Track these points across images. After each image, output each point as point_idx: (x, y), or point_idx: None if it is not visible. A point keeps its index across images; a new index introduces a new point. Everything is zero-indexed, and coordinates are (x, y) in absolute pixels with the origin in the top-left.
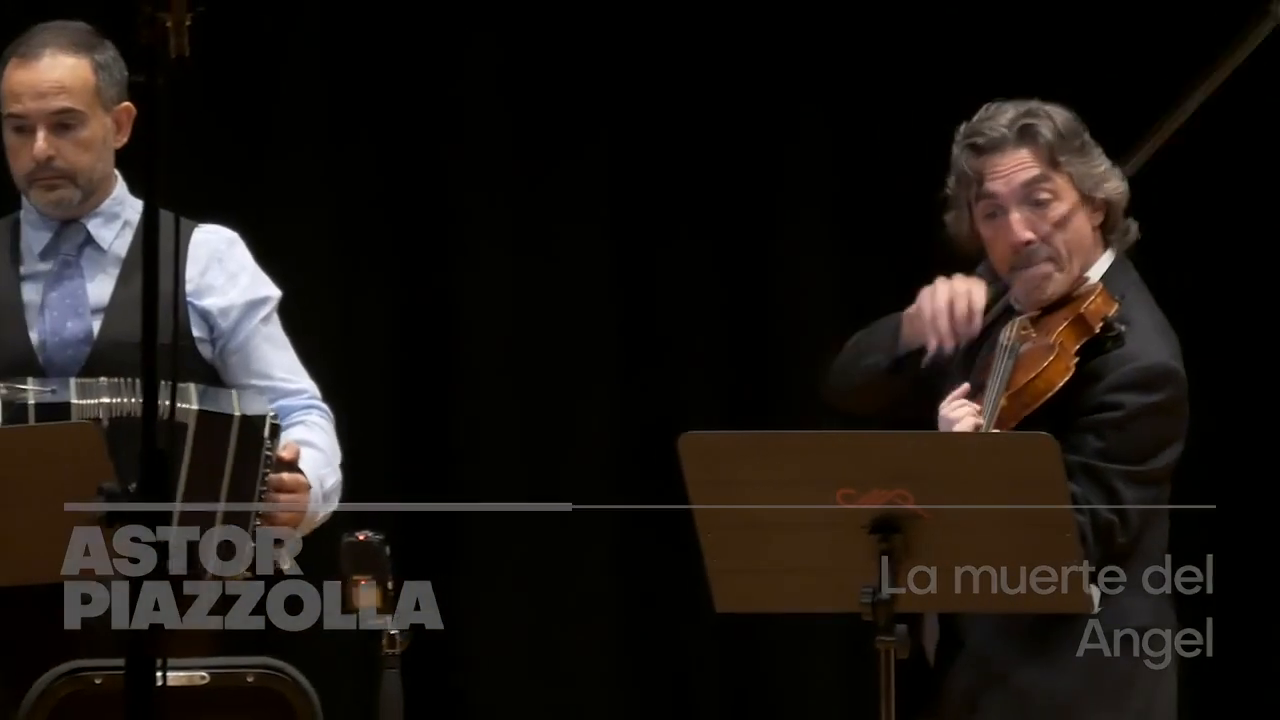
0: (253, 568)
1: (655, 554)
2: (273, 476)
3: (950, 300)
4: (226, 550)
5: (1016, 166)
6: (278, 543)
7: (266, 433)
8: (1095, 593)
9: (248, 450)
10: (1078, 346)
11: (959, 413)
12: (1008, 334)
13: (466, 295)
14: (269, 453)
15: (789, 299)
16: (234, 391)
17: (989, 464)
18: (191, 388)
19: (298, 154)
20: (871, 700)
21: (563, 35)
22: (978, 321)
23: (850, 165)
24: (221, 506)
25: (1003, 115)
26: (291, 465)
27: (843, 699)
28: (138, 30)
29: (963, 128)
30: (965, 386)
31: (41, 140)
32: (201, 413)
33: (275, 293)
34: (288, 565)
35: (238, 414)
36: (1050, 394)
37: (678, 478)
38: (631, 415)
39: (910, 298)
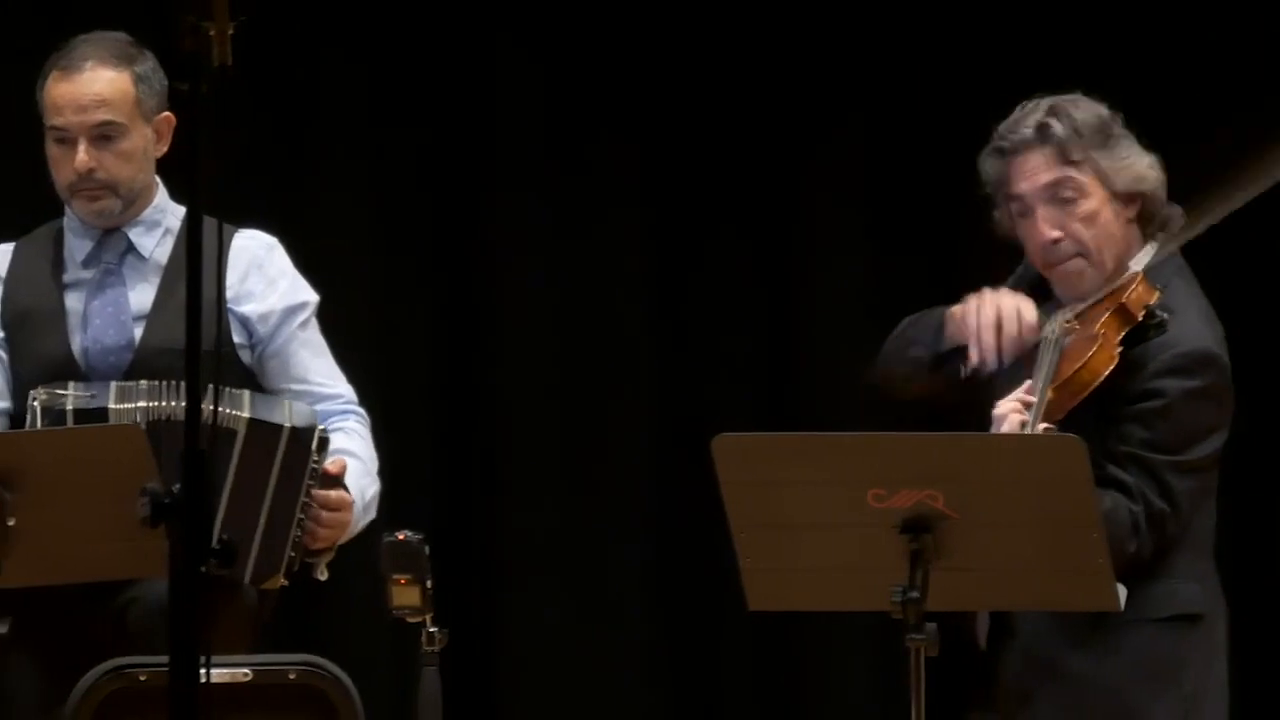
0: (289, 575)
1: (689, 553)
2: (318, 493)
3: (998, 318)
4: (265, 556)
5: (1037, 167)
6: (315, 554)
7: (314, 445)
8: (1123, 591)
9: (294, 461)
10: (1121, 335)
11: (1003, 409)
12: (1052, 327)
13: (503, 298)
14: (315, 465)
15: (822, 302)
16: (286, 401)
17: (1017, 465)
18: (245, 394)
19: (335, 159)
20: (903, 698)
21: (598, 39)
22: (1031, 339)
23: (883, 168)
24: (263, 515)
25: (1029, 117)
26: (337, 480)
27: (875, 697)
28: (181, 39)
29: (997, 129)
30: (1028, 383)
31: (83, 153)
32: (252, 421)
33: (313, 298)
34: (324, 575)
35: (288, 425)
36: (1096, 384)
37: (711, 478)
38: (666, 416)
39: (942, 298)
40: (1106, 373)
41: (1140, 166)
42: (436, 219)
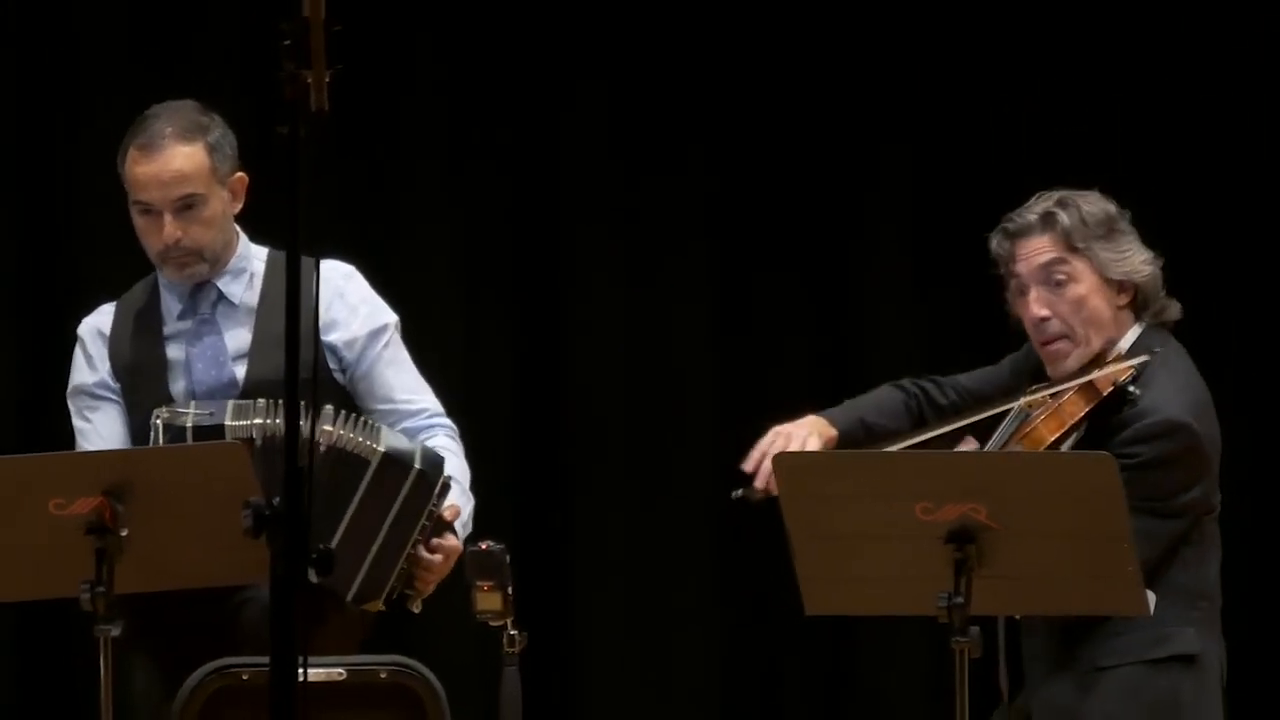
0: (387, 602)
1: (751, 561)
2: (436, 541)
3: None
4: (370, 581)
5: (1037, 250)
6: (414, 588)
7: (436, 490)
8: (1152, 597)
9: (415, 501)
10: (1084, 410)
11: None
12: (1025, 401)
13: (577, 324)
14: (433, 508)
15: (871, 328)
16: (420, 444)
17: (1054, 480)
18: (382, 428)
19: (421, 198)
20: (948, 695)
21: (666, 85)
22: None
23: (928, 204)
24: (377, 543)
25: (1037, 204)
26: (449, 526)
27: (922, 693)
28: (282, 86)
29: (1006, 215)
30: (973, 443)
31: (169, 225)
32: (386, 455)
33: (393, 318)
34: (418, 609)
35: (417, 467)
36: (1039, 449)
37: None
38: (728, 435)
39: (982, 327)
40: (1052, 439)
41: (1136, 260)
42: (515, 254)
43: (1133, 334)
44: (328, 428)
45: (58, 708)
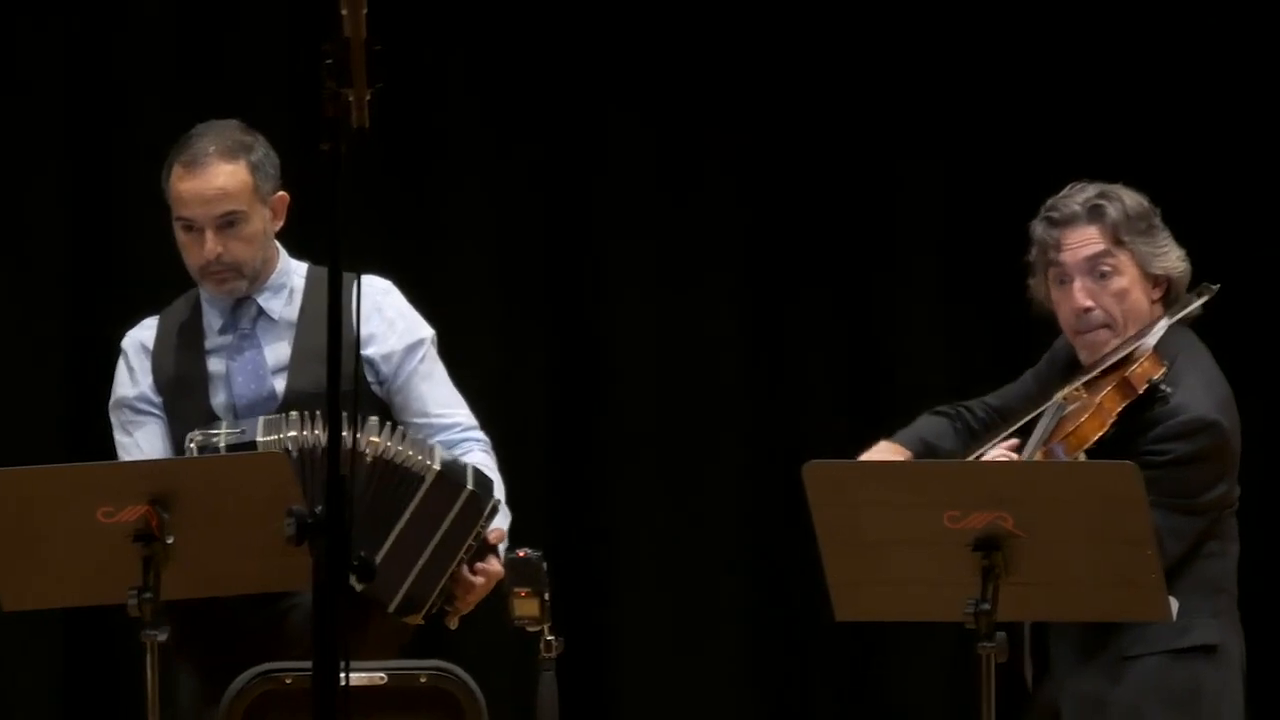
0: (426, 617)
1: (782, 568)
2: (480, 565)
3: None
4: (412, 594)
5: (1083, 241)
6: (453, 605)
7: (485, 512)
8: (1174, 603)
9: (464, 521)
10: (1121, 407)
11: (992, 454)
12: (1061, 395)
13: (611, 336)
14: (480, 529)
15: (901, 341)
16: (470, 466)
17: (1079, 488)
18: (436, 447)
19: (458, 209)
20: (973, 699)
21: (699, 105)
22: None
23: (956, 219)
24: (423, 558)
25: (1079, 194)
26: (492, 549)
27: (947, 698)
28: (324, 104)
29: (1047, 202)
30: (1014, 440)
31: (210, 241)
32: (441, 474)
33: (429, 332)
34: (454, 625)
35: (469, 488)
36: (1083, 448)
37: (801, 501)
38: (760, 445)
39: (1008, 342)
40: (1095, 438)
41: (1173, 257)
42: (549, 268)
43: (1160, 328)
44: (374, 439)
45: (104, 712)
